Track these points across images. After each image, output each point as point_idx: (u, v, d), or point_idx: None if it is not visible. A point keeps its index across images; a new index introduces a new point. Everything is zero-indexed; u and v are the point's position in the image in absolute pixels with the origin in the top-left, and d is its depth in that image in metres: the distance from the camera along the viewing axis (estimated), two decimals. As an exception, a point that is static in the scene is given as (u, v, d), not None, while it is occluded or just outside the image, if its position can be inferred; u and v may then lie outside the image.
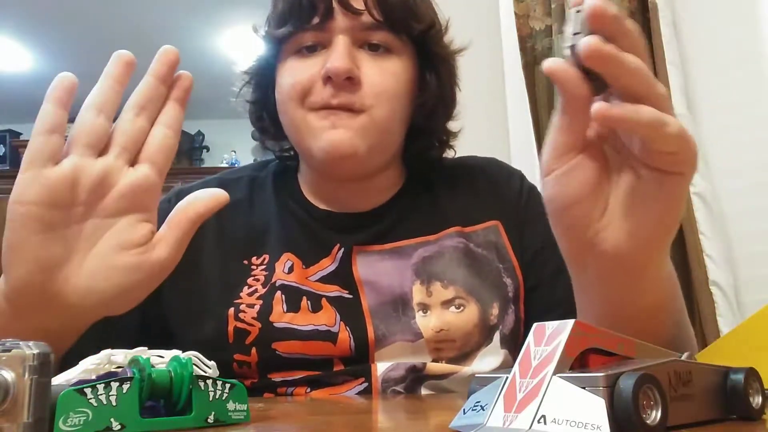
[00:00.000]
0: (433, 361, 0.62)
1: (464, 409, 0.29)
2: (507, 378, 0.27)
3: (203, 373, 0.32)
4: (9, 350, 0.23)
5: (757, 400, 0.30)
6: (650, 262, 0.43)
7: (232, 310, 0.62)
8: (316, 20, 0.61)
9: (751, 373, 0.30)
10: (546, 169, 0.42)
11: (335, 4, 0.61)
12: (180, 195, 0.72)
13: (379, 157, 0.66)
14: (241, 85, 0.71)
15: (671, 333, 0.48)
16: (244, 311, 0.62)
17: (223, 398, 0.32)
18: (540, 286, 0.66)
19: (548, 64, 0.37)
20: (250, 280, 0.64)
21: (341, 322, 0.61)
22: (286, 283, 0.63)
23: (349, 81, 0.60)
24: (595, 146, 0.41)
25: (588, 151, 0.40)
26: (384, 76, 0.62)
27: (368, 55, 0.63)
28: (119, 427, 0.27)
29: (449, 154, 0.75)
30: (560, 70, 0.37)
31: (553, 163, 0.41)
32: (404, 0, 0.62)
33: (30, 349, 0.24)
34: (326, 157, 0.62)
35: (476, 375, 0.30)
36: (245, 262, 0.66)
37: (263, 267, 0.65)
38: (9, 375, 0.22)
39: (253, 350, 0.60)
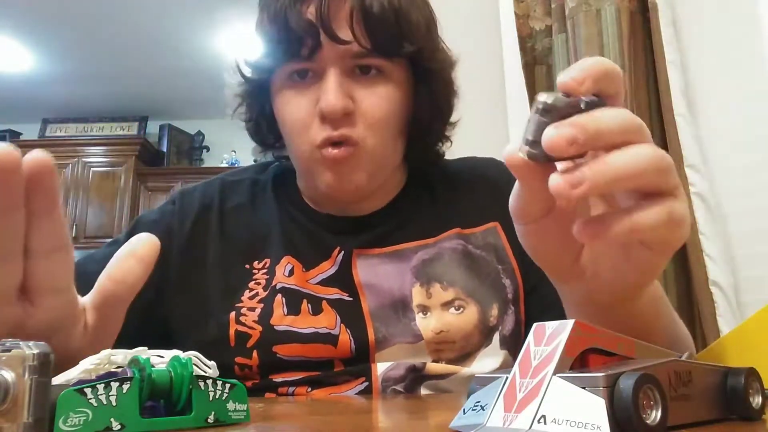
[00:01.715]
0: (433, 362, 0.62)
1: (464, 409, 0.29)
2: (507, 378, 0.27)
3: (203, 373, 0.32)
4: (9, 350, 0.23)
5: (757, 400, 0.30)
6: (630, 299, 0.41)
7: (233, 313, 0.62)
8: (304, 52, 0.61)
9: (751, 373, 0.30)
10: (514, 219, 0.38)
11: (323, 36, 0.60)
12: (183, 196, 0.73)
13: (381, 177, 0.67)
14: (235, 106, 0.71)
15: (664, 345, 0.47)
16: (245, 314, 0.62)
17: (223, 398, 0.32)
18: (539, 286, 0.66)
19: (506, 154, 0.33)
20: (251, 284, 0.65)
21: (342, 325, 0.61)
22: (286, 286, 0.63)
23: (345, 115, 0.61)
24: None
25: (557, 211, 0.36)
26: (378, 103, 0.62)
27: (360, 81, 0.62)
28: (119, 427, 0.27)
29: (446, 146, 0.75)
30: (520, 168, 0.33)
31: (517, 219, 0.38)
32: (393, 24, 0.61)
33: (30, 349, 0.24)
34: (331, 192, 0.64)
35: (476, 375, 0.30)
36: (246, 266, 0.66)
37: (264, 271, 0.66)
38: (9, 375, 0.22)
39: (254, 353, 0.60)
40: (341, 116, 0.60)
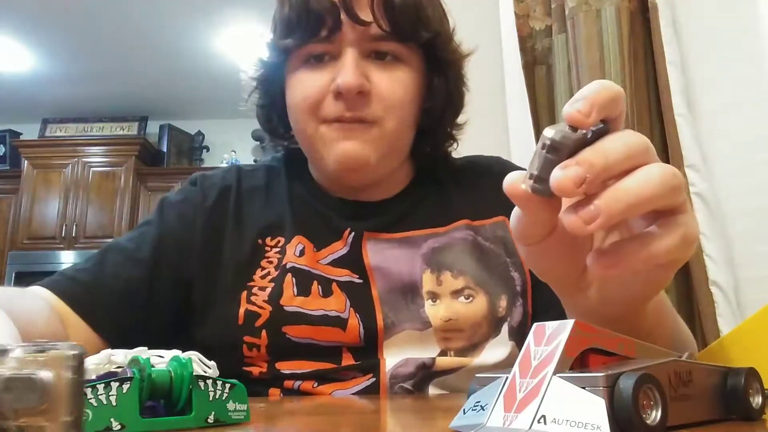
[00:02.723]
0: (442, 351, 0.62)
1: (464, 409, 0.29)
2: (507, 378, 0.27)
3: (203, 373, 0.32)
4: (47, 350, 0.24)
5: (757, 400, 0.30)
6: (636, 311, 0.40)
7: (244, 293, 0.63)
8: (324, 32, 0.62)
9: (751, 373, 0.30)
10: (515, 240, 0.38)
11: (343, 17, 0.61)
12: (204, 178, 0.75)
13: (390, 163, 0.67)
14: (250, 91, 0.73)
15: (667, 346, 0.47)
16: (255, 294, 0.63)
17: (223, 398, 0.32)
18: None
19: (507, 184, 0.32)
20: (263, 262, 0.66)
21: (351, 309, 0.62)
22: (296, 266, 0.64)
23: (360, 94, 0.61)
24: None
25: (559, 230, 0.35)
26: (393, 87, 0.63)
27: (377, 65, 0.63)
28: (119, 427, 0.27)
29: (453, 146, 0.76)
30: (521, 199, 0.32)
31: (518, 241, 0.37)
32: (412, 9, 0.63)
33: (68, 349, 0.24)
34: (339, 168, 0.64)
35: (476, 375, 0.30)
36: (260, 241, 0.67)
37: (277, 249, 0.66)
38: (48, 374, 0.23)
39: (263, 333, 0.61)
40: (356, 95, 0.61)
